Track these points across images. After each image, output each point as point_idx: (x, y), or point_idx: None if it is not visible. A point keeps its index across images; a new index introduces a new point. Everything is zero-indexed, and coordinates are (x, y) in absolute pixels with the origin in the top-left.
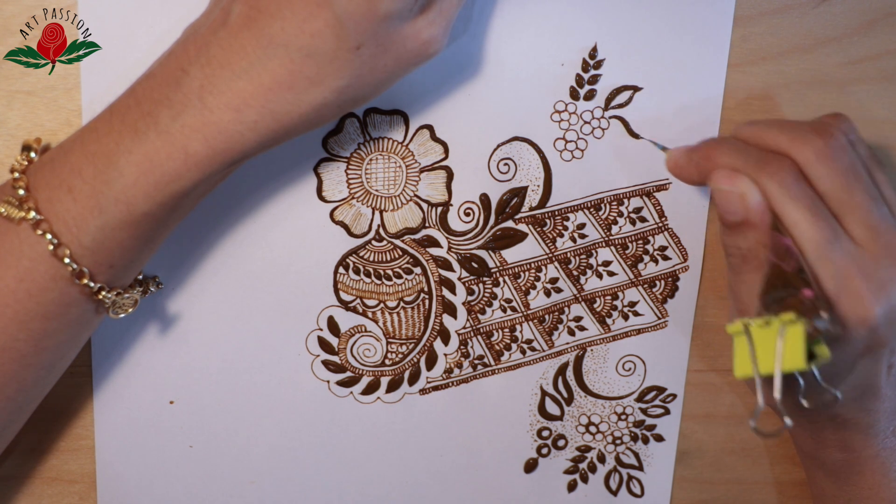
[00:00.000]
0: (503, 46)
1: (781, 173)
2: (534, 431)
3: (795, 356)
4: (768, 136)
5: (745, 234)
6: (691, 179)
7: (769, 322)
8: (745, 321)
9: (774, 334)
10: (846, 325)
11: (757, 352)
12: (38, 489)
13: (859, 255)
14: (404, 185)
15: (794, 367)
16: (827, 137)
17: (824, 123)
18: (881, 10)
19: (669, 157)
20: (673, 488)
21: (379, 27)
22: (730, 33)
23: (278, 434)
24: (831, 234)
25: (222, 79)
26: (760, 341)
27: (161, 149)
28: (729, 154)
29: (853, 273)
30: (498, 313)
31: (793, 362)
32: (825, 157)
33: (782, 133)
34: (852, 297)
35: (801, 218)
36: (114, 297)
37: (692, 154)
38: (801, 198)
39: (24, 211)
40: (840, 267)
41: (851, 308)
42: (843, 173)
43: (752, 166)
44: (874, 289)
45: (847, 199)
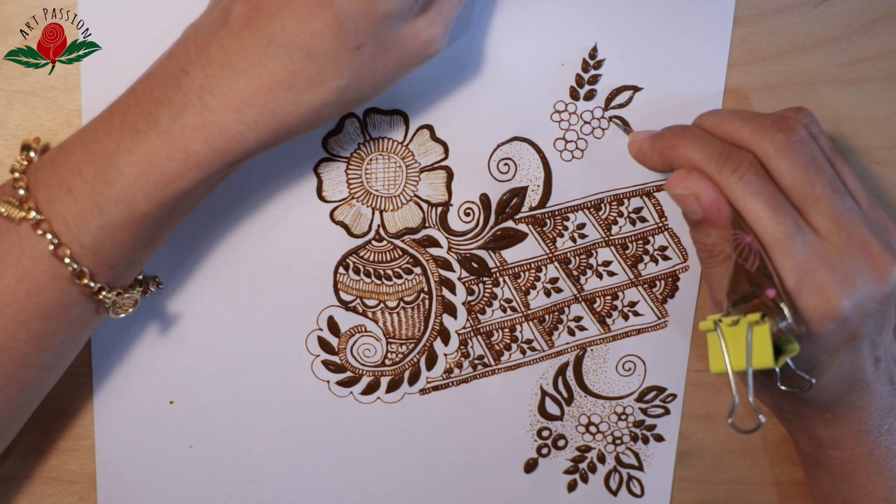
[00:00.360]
0: (503, 46)
1: (742, 168)
2: (534, 431)
3: (763, 355)
4: (731, 128)
5: (706, 231)
6: (654, 167)
7: (737, 321)
8: (716, 318)
9: (743, 333)
10: (811, 318)
11: (728, 349)
12: (38, 489)
13: (823, 247)
14: (404, 185)
15: (762, 365)
16: (787, 131)
17: (785, 117)
18: (881, 10)
19: (632, 142)
20: (673, 488)
21: (379, 27)
22: (730, 33)
23: (278, 434)
24: (793, 228)
25: (222, 79)
26: (731, 339)
27: (161, 149)
28: (692, 146)
29: (816, 265)
30: (498, 313)
31: (761, 361)
32: (786, 151)
33: (745, 126)
34: (816, 291)
35: (762, 213)
36: (114, 297)
37: (656, 142)
38: (761, 192)
39: (24, 211)
40: (802, 260)
41: (816, 301)
42: (804, 166)
43: (714, 161)
44: (838, 281)
45: (809, 192)
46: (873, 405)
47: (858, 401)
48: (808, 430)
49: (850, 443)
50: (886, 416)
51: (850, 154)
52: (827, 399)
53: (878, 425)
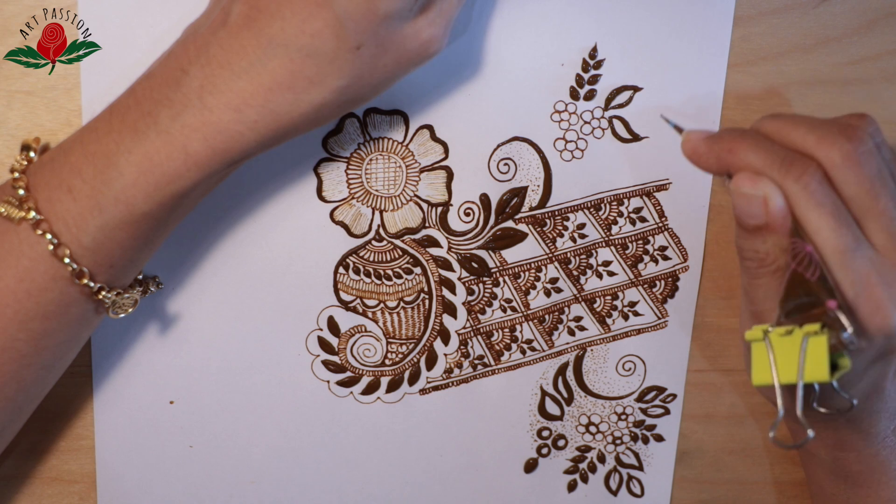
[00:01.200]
0: (503, 46)
1: (806, 177)
2: (534, 431)
3: (819, 368)
4: (794, 134)
5: (763, 238)
6: (707, 168)
7: (791, 331)
8: (765, 328)
9: (796, 344)
10: (866, 333)
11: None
12: (38, 489)
13: (880, 262)
14: (404, 185)
15: (816, 378)
16: (855, 141)
17: (852, 125)
18: (881, 10)
19: (687, 140)
20: (673, 488)
21: (379, 27)
22: (730, 33)
23: (278, 434)
24: (853, 242)
25: (222, 79)
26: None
27: (161, 149)
28: (753, 151)
29: (874, 281)
30: (498, 313)
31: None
32: (852, 162)
33: (809, 132)
34: (872, 306)
35: (825, 225)
36: (114, 297)
37: (713, 144)
38: (825, 203)
39: (24, 211)
40: (861, 275)
41: (871, 316)
42: (869, 179)
43: (777, 167)
44: (894, 297)
45: (871, 206)
46: (884, 409)
47: (872, 406)
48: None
49: (858, 445)
50: (893, 418)
51: None
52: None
53: (886, 427)
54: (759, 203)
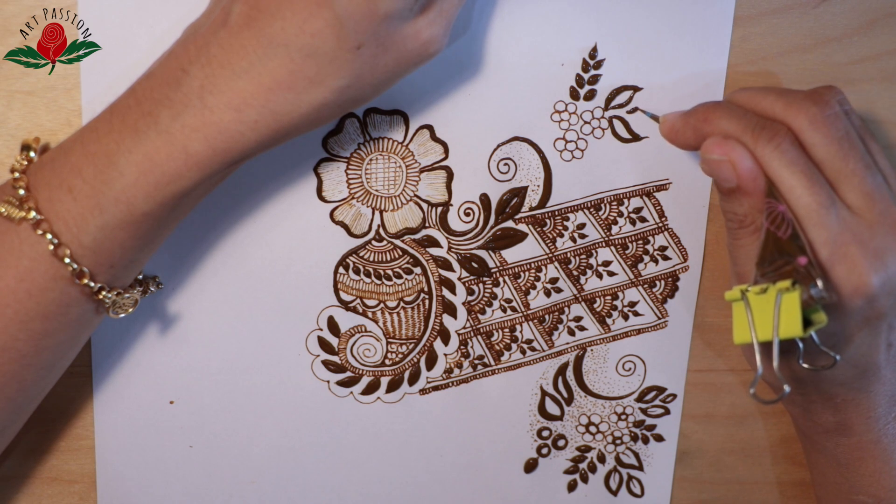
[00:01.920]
0: (503, 46)
1: (777, 139)
2: (534, 431)
3: (792, 323)
4: (764, 102)
5: (739, 200)
6: (687, 144)
7: (766, 289)
8: (743, 288)
9: (771, 301)
10: (841, 292)
11: (755, 319)
12: (38, 489)
13: (855, 222)
14: (404, 185)
15: (790, 333)
16: (822, 105)
17: (819, 92)
18: (881, 10)
19: (664, 122)
20: (673, 488)
21: (379, 27)
22: (730, 34)
23: (278, 434)
24: (827, 200)
25: (222, 78)
26: (758, 308)
27: (161, 148)
28: (726, 118)
29: (848, 240)
30: (498, 313)
31: (789, 329)
32: (821, 124)
33: (778, 99)
34: (848, 265)
35: (797, 183)
36: (114, 297)
37: (688, 118)
38: (797, 163)
39: (24, 211)
40: (835, 233)
41: (847, 276)
42: (838, 140)
43: (749, 131)
44: (870, 257)
45: (842, 167)
46: (882, 392)
47: (869, 386)
48: (817, 414)
49: (858, 429)
50: (894, 405)
51: None
52: (841, 380)
53: (886, 413)
54: (728, 167)
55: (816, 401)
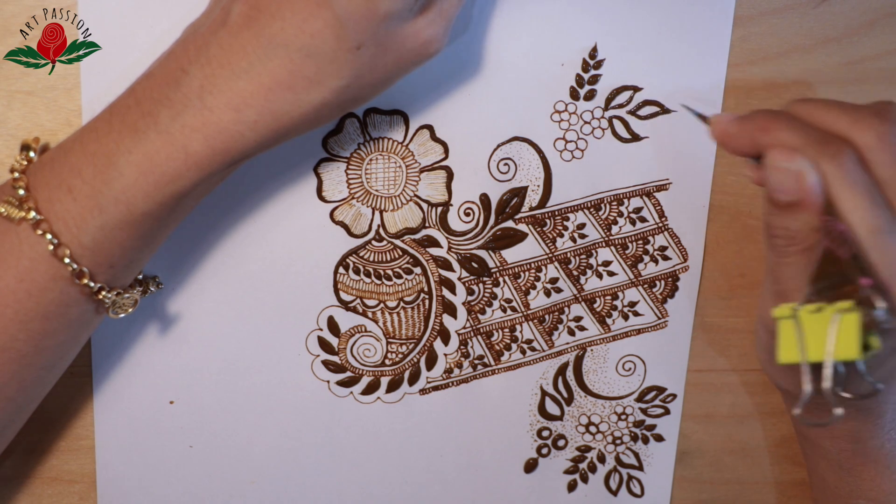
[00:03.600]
0: (503, 46)
1: (842, 156)
2: (534, 431)
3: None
4: (827, 116)
5: (795, 216)
6: (740, 150)
7: (820, 309)
8: (794, 306)
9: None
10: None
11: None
12: (38, 489)
13: None
14: (404, 185)
15: (847, 356)
16: (889, 123)
17: (885, 109)
18: (881, 10)
19: (716, 124)
20: (673, 488)
21: (379, 27)
22: (730, 33)
23: (278, 434)
24: (887, 224)
25: (222, 78)
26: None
27: (161, 149)
28: (787, 130)
29: None
30: (498, 313)
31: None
32: (886, 144)
33: (843, 115)
34: None
35: (860, 205)
36: (114, 296)
37: (745, 124)
38: (860, 183)
39: (24, 211)
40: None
41: None
42: None
43: (812, 146)
44: None
45: None
46: (892, 400)
47: (885, 396)
48: None
49: (865, 436)
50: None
51: None
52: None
53: (893, 419)
54: (794, 178)
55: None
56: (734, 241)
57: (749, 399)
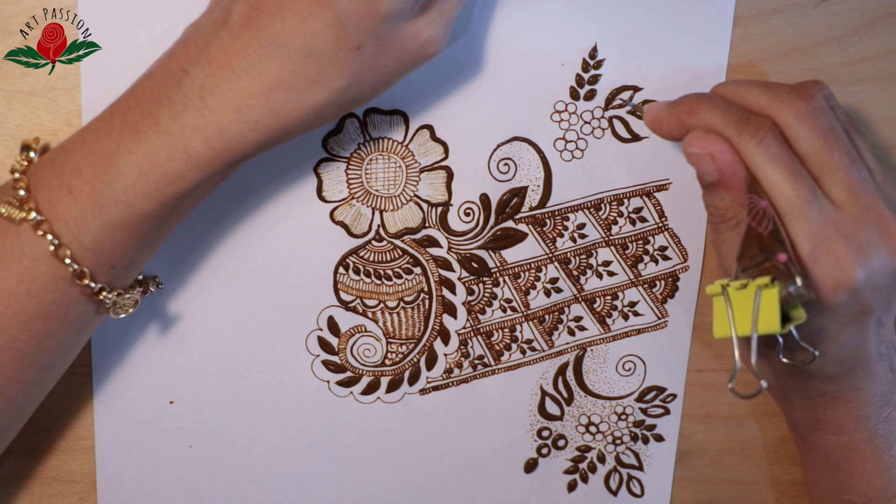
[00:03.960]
0: (503, 47)
1: (761, 133)
2: (534, 431)
3: (770, 319)
4: (749, 95)
5: (720, 194)
6: (671, 134)
7: (746, 285)
8: (724, 282)
9: (751, 297)
10: (824, 286)
11: (734, 314)
12: (38, 489)
13: (838, 216)
14: (404, 185)
15: (769, 330)
16: (807, 99)
17: (804, 86)
18: (881, 10)
19: (648, 111)
20: (673, 488)
21: (379, 27)
22: (730, 34)
23: (278, 434)
24: (809, 194)
25: (223, 79)
26: (738, 303)
27: (162, 149)
28: (710, 110)
29: (831, 234)
30: (498, 313)
31: (768, 325)
32: (805, 118)
33: (763, 93)
34: (830, 259)
35: (780, 178)
36: (114, 297)
37: (673, 109)
38: (780, 157)
39: (24, 211)
40: (818, 227)
41: (829, 270)
42: (822, 134)
43: (733, 125)
44: (853, 251)
45: (826, 160)
46: (873, 390)
47: (859, 383)
48: (808, 411)
49: (848, 427)
50: (885, 405)
51: None
52: (830, 375)
53: (877, 412)
54: (708, 160)
55: (810, 396)
56: None
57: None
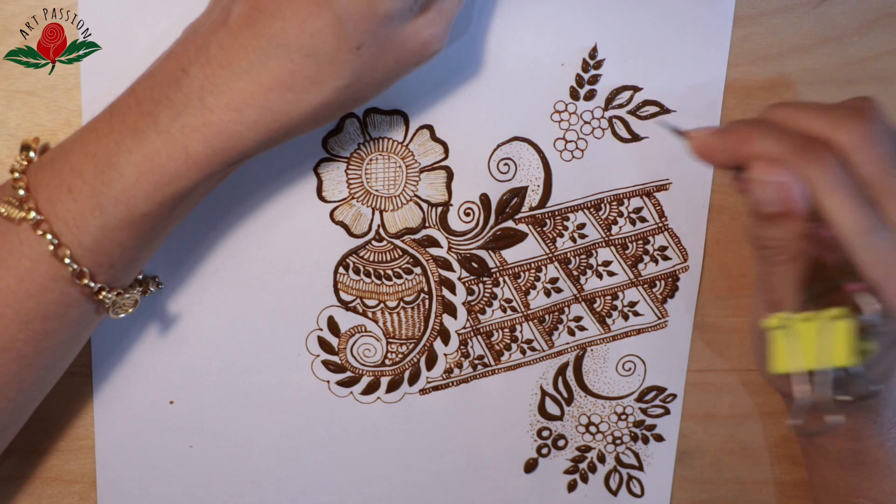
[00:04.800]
0: (503, 46)
1: (825, 161)
2: (534, 431)
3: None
4: (805, 120)
5: (782, 225)
6: (722, 163)
7: (811, 317)
8: (785, 315)
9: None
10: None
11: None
12: (38, 489)
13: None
14: (404, 185)
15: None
16: (868, 122)
17: (862, 107)
18: (881, 10)
19: (696, 138)
20: (673, 488)
21: (379, 27)
22: (730, 33)
23: (278, 434)
24: (874, 222)
25: (222, 79)
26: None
27: (161, 149)
28: (767, 138)
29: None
30: (498, 313)
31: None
32: (867, 143)
33: (821, 117)
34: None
35: (846, 208)
36: (114, 297)
37: (724, 137)
38: (844, 186)
39: (24, 211)
40: (885, 255)
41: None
42: (882, 158)
43: (794, 153)
44: None
45: (889, 186)
46: (891, 398)
47: (885, 393)
48: None
49: (865, 434)
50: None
51: None
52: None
53: (892, 416)
54: (779, 190)
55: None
56: (734, 241)
57: (749, 399)
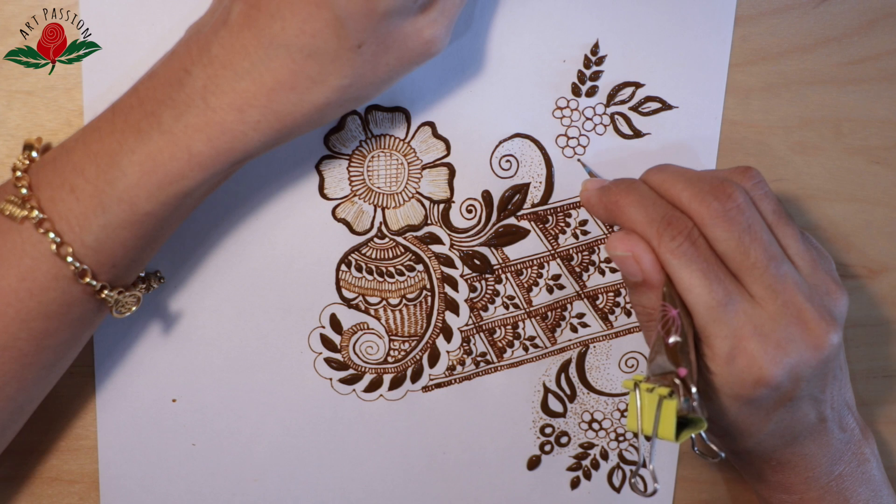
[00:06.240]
0: (505, 43)
1: (680, 237)
2: (537, 428)
3: (667, 428)
4: (672, 190)
5: (647, 294)
6: (601, 219)
7: (652, 389)
8: (638, 379)
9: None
10: (744, 384)
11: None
12: (38, 489)
13: (756, 314)
14: (406, 183)
15: (666, 438)
16: (724, 198)
17: (727, 181)
18: (881, 10)
19: (584, 190)
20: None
21: (379, 25)
22: (731, 29)
23: (281, 432)
24: (724, 297)
25: (225, 79)
26: (645, 404)
27: (164, 149)
28: (635, 207)
29: (748, 333)
30: (500, 310)
31: (665, 433)
32: (720, 219)
33: (685, 189)
34: (747, 358)
35: (695, 282)
36: (116, 295)
37: (602, 196)
38: (696, 261)
39: (26, 210)
40: (735, 328)
41: (747, 369)
42: (738, 235)
43: (654, 225)
44: (771, 348)
45: (743, 259)
46: (821, 453)
47: (804, 449)
48: (757, 473)
49: (798, 488)
50: (836, 463)
51: (851, 154)
52: (770, 449)
53: (828, 472)
54: (632, 262)
55: (755, 462)
56: None
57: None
